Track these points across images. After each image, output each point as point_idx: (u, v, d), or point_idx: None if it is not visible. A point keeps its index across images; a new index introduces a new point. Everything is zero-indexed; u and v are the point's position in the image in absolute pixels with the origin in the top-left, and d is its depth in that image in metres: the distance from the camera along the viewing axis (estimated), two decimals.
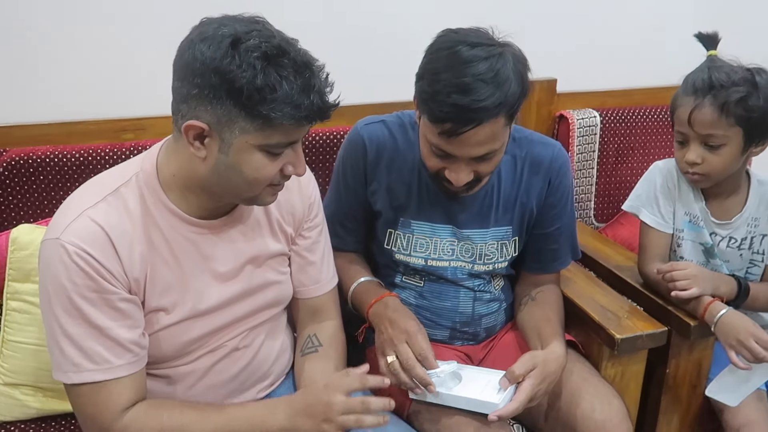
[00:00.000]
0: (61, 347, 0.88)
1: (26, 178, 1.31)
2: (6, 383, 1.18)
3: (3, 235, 1.24)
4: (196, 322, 0.99)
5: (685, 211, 1.30)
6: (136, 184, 0.93)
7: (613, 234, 1.73)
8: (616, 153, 1.77)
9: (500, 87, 0.96)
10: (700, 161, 1.20)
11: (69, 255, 0.86)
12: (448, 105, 0.96)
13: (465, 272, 1.22)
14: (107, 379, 0.89)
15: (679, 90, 1.24)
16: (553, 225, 1.24)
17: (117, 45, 1.41)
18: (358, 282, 1.21)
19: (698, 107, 1.17)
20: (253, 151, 0.87)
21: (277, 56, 0.83)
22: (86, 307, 0.87)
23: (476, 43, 0.98)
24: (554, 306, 1.23)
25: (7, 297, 1.20)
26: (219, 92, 0.83)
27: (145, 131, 1.42)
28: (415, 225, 1.20)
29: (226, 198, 0.95)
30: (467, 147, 1.01)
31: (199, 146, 0.88)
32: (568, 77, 1.76)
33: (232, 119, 0.84)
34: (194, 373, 1.02)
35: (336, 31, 1.55)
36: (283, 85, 0.83)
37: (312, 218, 1.11)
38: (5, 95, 1.37)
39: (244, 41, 0.83)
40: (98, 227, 0.88)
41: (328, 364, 1.09)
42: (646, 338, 1.17)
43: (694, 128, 1.18)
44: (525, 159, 1.20)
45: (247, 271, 1.03)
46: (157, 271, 0.94)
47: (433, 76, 0.99)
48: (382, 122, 1.20)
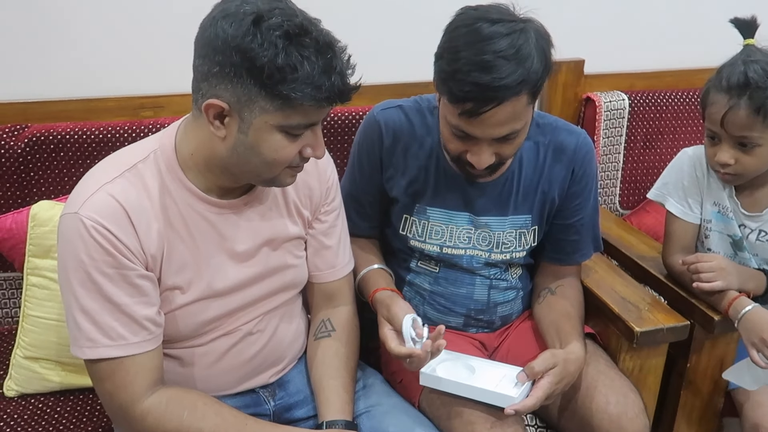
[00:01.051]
0: (77, 322, 0.89)
1: (47, 155, 1.33)
2: (26, 357, 1.20)
3: (23, 211, 1.26)
4: (212, 302, 0.99)
5: (714, 201, 1.25)
6: (154, 161, 0.93)
7: (637, 222, 1.69)
8: (645, 138, 1.72)
9: (522, 64, 0.93)
10: (733, 162, 1.14)
11: (87, 229, 0.86)
12: (469, 84, 0.93)
13: (481, 261, 1.20)
14: (123, 356, 0.90)
15: (710, 83, 1.15)
16: (576, 216, 1.20)
17: (136, 23, 1.40)
18: (367, 270, 1.20)
19: (733, 109, 1.09)
20: (272, 131, 0.86)
21: (299, 35, 0.82)
22: (103, 282, 0.88)
23: (497, 20, 0.95)
24: (575, 302, 1.20)
25: (27, 272, 1.22)
26: (240, 71, 0.82)
27: (163, 109, 1.42)
28: (431, 211, 1.18)
29: (244, 178, 0.95)
30: (489, 127, 0.98)
31: (219, 125, 0.87)
32: (595, 58, 1.70)
33: (252, 99, 0.83)
34: (209, 355, 1.02)
35: (356, 10, 1.52)
36: (305, 65, 0.81)
37: (329, 202, 1.10)
38: (26, 71, 1.38)
39: (266, 19, 0.81)
40: (116, 202, 0.88)
41: (341, 349, 1.09)
42: (666, 332, 1.15)
43: (727, 130, 1.12)
44: (548, 146, 1.16)
45: (264, 253, 1.02)
46: (174, 248, 0.94)
47: (452, 55, 0.96)
48: (399, 107, 1.18)
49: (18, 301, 1.34)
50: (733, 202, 1.23)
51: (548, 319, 1.17)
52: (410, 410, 1.09)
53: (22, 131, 1.32)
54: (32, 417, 1.16)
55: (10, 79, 1.37)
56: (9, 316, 1.38)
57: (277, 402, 1.10)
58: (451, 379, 1.03)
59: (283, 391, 1.11)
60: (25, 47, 1.37)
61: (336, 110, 1.46)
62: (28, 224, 1.21)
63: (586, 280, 1.28)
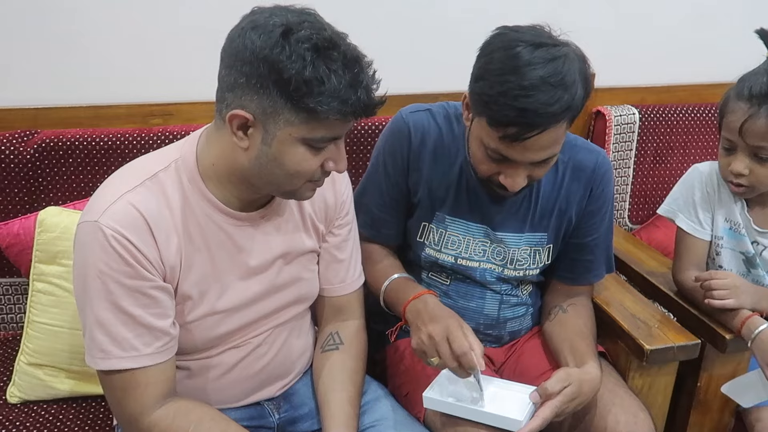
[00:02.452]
0: (92, 332, 0.88)
1: (56, 161, 1.33)
2: (30, 363, 1.20)
3: (31, 217, 1.26)
4: (226, 316, 0.98)
5: (725, 218, 1.24)
6: (176, 170, 0.92)
7: (647, 237, 1.67)
8: (655, 152, 1.71)
9: (567, 90, 0.93)
10: (747, 172, 1.13)
11: (107, 238, 0.85)
12: (515, 109, 0.92)
13: (494, 275, 1.19)
14: (135, 368, 0.89)
15: (731, 92, 1.14)
16: (591, 235, 1.19)
17: (147, 31, 1.41)
18: (392, 278, 1.17)
19: (752, 117, 1.09)
20: (296, 144, 0.86)
21: (327, 49, 0.81)
22: (119, 293, 0.87)
23: (538, 44, 0.94)
24: (588, 321, 1.18)
25: (33, 278, 1.21)
26: (266, 82, 0.81)
27: (172, 116, 1.42)
28: (450, 221, 1.17)
29: (264, 190, 0.94)
30: (529, 152, 0.97)
31: (242, 136, 0.86)
32: (606, 71, 1.68)
33: (277, 110, 0.83)
34: (219, 367, 1.01)
35: (380, 21, 1.51)
36: (332, 79, 0.81)
37: (343, 215, 1.10)
38: (37, 77, 1.38)
39: (295, 32, 0.81)
40: (137, 212, 0.87)
41: (348, 362, 1.08)
42: (677, 350, 1.13)
43: (745, 139, 1.11)
44: (567, 164, 1.15)
45: (277, 266, 1.02)
46: (192, 260, 0.93)
47: (495, 78, 0.94)
48: (428, 111, 1.17)
49: (23, 307, 1.34)
50: (745, 218, 1.22)
51: (561, 337, 1.16)
52: (416, 425, 1.08)
53: (32, 137, 1.32)
54: (35, 424, 1.16)
55: (20, 85, 1.37)
56: (14, 321, 1.38)
57: (282, 415, 1.09)
58: (456, 403, 1.02)
59: (288, 404, 1.10)
60: (36, 54, 1.37)
61: None
62: (36, 230, 1.21)
63: (595, 296, 1.27)
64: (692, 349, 1.15)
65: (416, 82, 1.49)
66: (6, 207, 1.32)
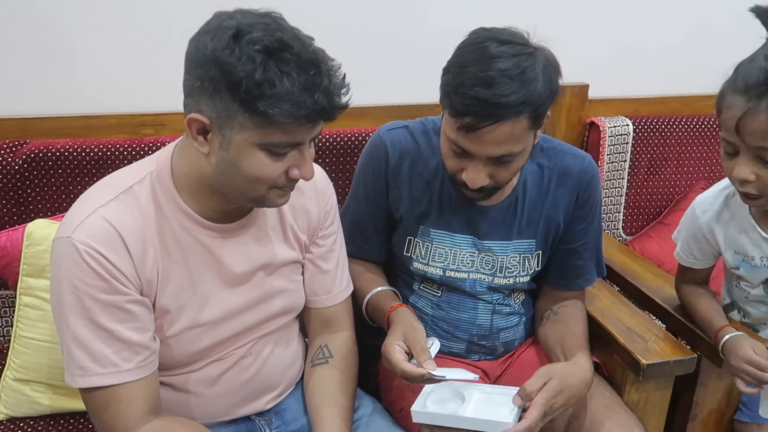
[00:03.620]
0: (69, 350, 0.87)
1: (45, 171, 1.31)
2: (17, 379, 1.18)
3: (19, 229, 1.23)
4: (206, 329, 0.97)
5: (734, 251, 1.13)
6: (150, 182, 0.91)
7: (641, 247, 1.67)
8: (649, 164, 1.71)
9: (525, 85, 0.93)
10: (753, 178, 0.94)
11: (80, 254, 0.84)
12: (470, 98, 0.93)
13: (484, 285, 1.18)
14: (115, 384, 0.87)
15: (726, 84, 0.96)
16: (580, 240, 1.19)
17: (138, 40, 1.40)
18: (374, 292, 1.18)
19: (750, 113, 0.90)
20: (253, 149, 0.83)
21: (279, 50, 0.79)
22: (95, 309, 0.85)
23: (506, 41, 0.96)
24: (578, 321, 1.18)
25: (20, 292, 1.19)
26: (219, 86, 0.80)
27: (164, 126, 1.41)
28: (435, 234, 1.17)
29: (232, 198, 0.92)
30: (485, 144, 0.97)
31: (203, 141, 0.85)
32: (600, 83, 1.69)
33: (231, 114, 0.81)
34: (202, 382, 1.00)
35: (362, 31, 1.51)
36: (284, 81, 0.78)
37: (327, 226, 1.08)
38: (26, 87, 1.37)
39: (246, 33, 0.79)
40: (110, 226, 0.86)
41: (339, 376, 1.07)
42: (674, 365, 1.12)
43: (744, 139, 0.92)
44: (553, 170, 1.15)
45: (259, 278, 1.00)
46: (169, 273, 0.92)
47: (458, 69, 0.96)
48: (405, 128, 1.17)
49: (10, 320, 1.32)
50: (758, 244, 1.09)
51: (553, 338, 1.16)
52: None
53: (21, 147, 1.30)
54: None
55: (9, 94, 1.36)
56: (1, 335, 1.35)
57: (273, 430, 1.07)
58: (444, 413, 1.00)
59: (280, 420, 1.08)
60: (25, 63, 1.36)
61: (339, 130, 1.45)
62: (23, 243, 1.19)
63: (590, 309, 1.26)
64: (689, 363, 1.14)
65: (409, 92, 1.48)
66: None
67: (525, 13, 1.58)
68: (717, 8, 1.76)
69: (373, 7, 1.52)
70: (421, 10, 1.54)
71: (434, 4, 1.55)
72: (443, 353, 1.21)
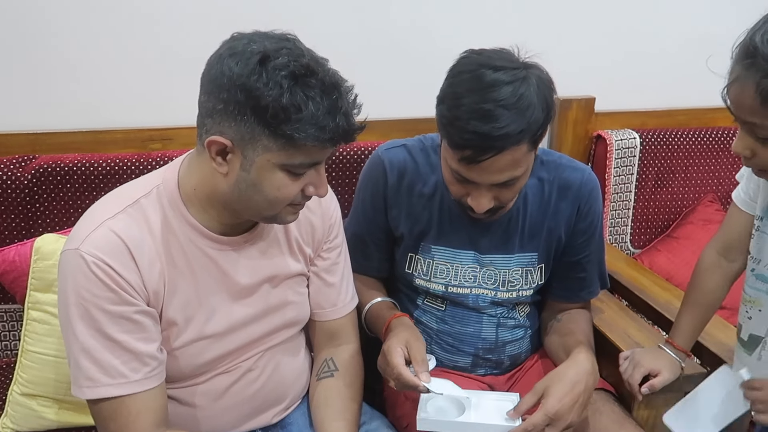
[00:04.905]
0: (77, 361, 0.87)
1: (53, 186, 1.32)
2: (24, 393, 1.18)
3: (27, 244, 1.24)
4: (213, 341, 0.97)
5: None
6: (157, 196, 0.92)
7: (649, 261, 1.66)
8: (656, 176, 1.70)
9: (523, 113, 0.93)
10: (749, 154, 0.86)
11: (88, 265, 0.84)
12: (468, 132, 0.93)
13: (487, 300, 1.18)
14: (123, 395, 0.87)
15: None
16: (582, 252, 1.19)
17: (145, 55, 1.41)
18: (373, 302, 1.18)
19: (734, 84, 0.81)
20: (274, 169, 0.86)
21: (304, 76, 0.81)
22: (103, 319, 0.86)
23: (499, 67, 0.95)
24: (579, 323, 1.19)
25: (28, 306, 1.20)
26: (244, 109, 0.81)
27: (171, 141, 1.42)
28: (436, 250, 1.17)
29: (246, 215, 0.93)
30: (488, 174, 0.98)
31: (222, 162, 0.86)
32: (606, 95, 1.70)
33: (255, 137, 0.83)
34: (209, 394, 1.00)
35: (367, 46, 1.53)
36: (309, 106, 0.81)
37: (332, 239, 1.09)
38: (36, 102, 1.38)
39: (272, 59, 0.81)
40: (118, 238, 0.87)
41: (344, 389, 1.07)
42: (683, 380, 1.11)
43: (733, 111, 0.84)
44: (553, 183, 1.15)
45: (264, 290, 1.01)
46: (176, 285, 0.93)
47: (453, 101, 0.96)
48: (403, 146, 1.18)
49: (18, 334, 1.32)
50: None
51: (556, 343, 1.17)
52: None
53: (30, 162, 1.32)
54: None
55: (19, 110, 1.37)
56: (8, 348, 1.36)
57: None
58: (449, 420, 1.01)
59: None
60: (35, 79, 1.37)
61: (343, 146, 1.45)
62: (32, 257, 1.20)
63: (597, 322, 1.25)
64: (698, 378, 1.12)
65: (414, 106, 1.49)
66: (2, 233, 1.31)
67: (530, 28, 1.59)
68: (723, 20, 1.75)
69: (378, 22, 1.53)
70: (426, 23, 1.55)
71: (439, 17, 1.56)
72: (449, 368, 1.21)
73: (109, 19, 1.37)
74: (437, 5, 1.55)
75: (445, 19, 1.56)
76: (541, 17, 1.62)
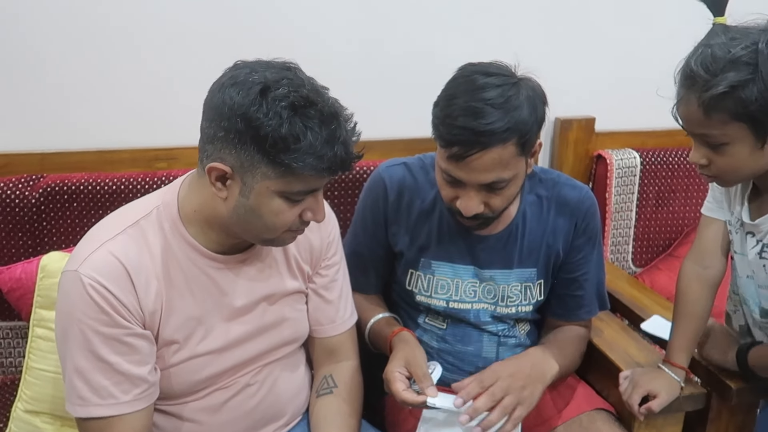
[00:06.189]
0: (71, 380, 0.89)
1: (61, 204, 1.34)
2: (27, 410, 1.19)
3: (33, 261, 1.26)
4: (210, 358, 0.98)
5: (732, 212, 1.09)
6: (157, 217, 0.94)
7: (650, 280, 1.66)
8: (657, 196, 1.71)
9: (509, 112, 0.97)
10: (705, 162, 0.95)
11: (85, 287, 0.86)
12: (457, 128, 0.97)
13: (488, 315, 1.19)
14: (112, 415, 0.89)
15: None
16: (579, 270, 1.20)
17: (151, 77, 1.44)
18: (375, 319, 1.19)
19: (681, 103, 0.93)
20: (273, 196, 0.87)
21: (304, 107, 0.83)
22: (96, 341, 0.87)
23: (492, 73, 1.00)
24: (559, 334, 1.21)
25: (33, 324, 1.21)
26: (244, 138, 0.83)
27: (177, 160, 1.44)
28: (436, 266, 1.18)
29: (245, 237, 0.95)
30: (474, 172, 1.00)
31: (221, 187, 0.88)
32: (607, 116, 1.71)
33: (254, 165, 0.85)
34: (206, 410, 1.00)
35: (369, 67, 1.55)
36: (308, 136, 0.83)
37: (330, 257, 1.10)
38: (44, 122, 1.41)
39: (273, 89, 0.83)
40: (116, 260, 0.88)
41: (343, 407, 1.07)
42: (683, 401, 1.11)
43: (685, 128, 0.95)
44: (551, 200, 1.17)
45: (261, 308, 1.02)
46: (173, 304, 0.94)
47: (446, 101, 1.01)
48: (403, 164, 1.21)
49: (21, 351, 1.33)
50: (739, 215, 1.06)
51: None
52: None
53: (38, 181, 1.34)
54: None
55: (27, 130, 1.40)
56: (12, 365, 1.37)
57: None
58: None
59: None
60: (43, 100, 1.40)
61: None
62: (37, 275, 1.21)
63: (597, 341, 1.25)
64: (698, 399, 1.12)
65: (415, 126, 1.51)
66: (9, 251, 1.33)
67: (531, 49, 1.60)
68: None
69: (380, 44, 1.55)
70: (427, 46, 1.57)
71: (440, 40, 1.58)
72: (449, 387, 1.21)
73: (117, 42, 1.40)
74: (437, 28, 1.57)
75: (445, 42, 1.58)
76: (542, 38, 1.64)
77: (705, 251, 1.14)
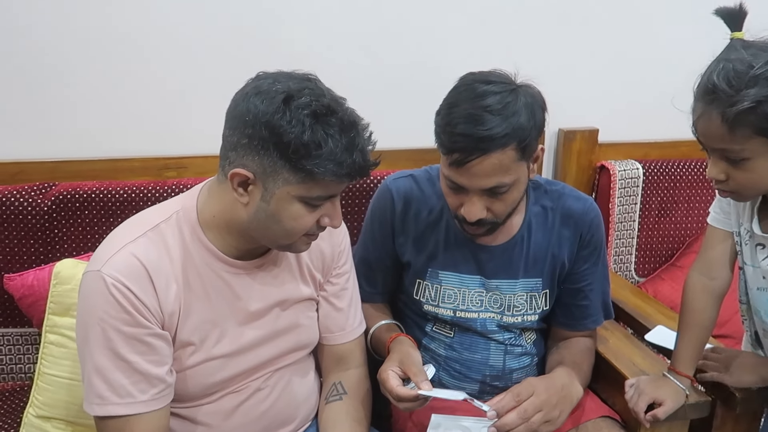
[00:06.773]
0: (90, 379, 0.90)
1: (72, 212, 1.36)
2: (39, 416, 1.20)
3: (45, 268, 1.28)
4: (223, 362, 0.99)
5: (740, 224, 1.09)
6: (176, 221, 0.96)
7: (653, 290, 1.68)
8: (659, 207, 1.73)
9: (508, 118, 0.99)
10: (724, 177, 0.95)
11: (107, 287, 0.88)
12: (457, 134, 1.00)
13: (494, 324, 1.20)
14: (129, 414, 0.90)
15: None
16: (584, 280, 1.21)
17: (161, 88, 1.46)
18: (376, 326, 1.21)
19: (701, 119, 0.93)
20: (293, 201, 0.90)
21: (325, 115, 0.86)
22: (117, 340, 0.89)
23: (492, 81, 1.03)
24: (572, 348, 1.21)
25: (46, 330, 1.22)
26: (267, 144, 0.86)
27: (186, 169, 1.46)
28: (443, 275, 1.20)
29: (263, 242, 0.98)
30: (475, 177, 1.02)
31: (243, 192, 0.91)
32: (610, 127, 1.73)
33: (276, 170, 0.87)
34: (219, 414, 1.02)
35: (377, 79, 1.57)
36: (329, 143, 0.86)
37: (341, 265, 1.12)
38: (56, 132, 1.43)
39: (296, 98, 0.86)
40: (137, 261, 0.90)
41: (352, 413, 1.09)
42: (688, 408, 1.11)
43: (705, 143, 0.95)
44: (556, 211, 1.19)
45: (274, 313, 1.04)
46: (191, 307, 0.96)
47: (447, 110, 1.03)
48: (410, 176, 1.23)
49: (33, 357, 1.35)
50: (750, 229, 1.07)
51: (548, 369, 1.19)
52: None
53: (50, 189, 1.36)
54: None
55: (39, 139, 1.42)
56: (23, 372, 1.38)
57: None
58: None
59: None
60: (55, 109, 1.42)
61: None
62: (51, 282, 1.23)
63: (602, 350, 1.26)
64: (703, 407, 1.13)
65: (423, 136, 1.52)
66: (21, 258, 1.34)
67: (534, 61, 1.61)
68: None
69: (388, 57, 1.57)
70: (433, 58, 1.59)
71: (445, 52, 1.60)
72: None
73: (129, 54, 1.42)
74: (443, 41, 1.60)
75: (450, 55, 1.60)
76: (545, 51, 1.66)
77: (712, 262, 1.14)
